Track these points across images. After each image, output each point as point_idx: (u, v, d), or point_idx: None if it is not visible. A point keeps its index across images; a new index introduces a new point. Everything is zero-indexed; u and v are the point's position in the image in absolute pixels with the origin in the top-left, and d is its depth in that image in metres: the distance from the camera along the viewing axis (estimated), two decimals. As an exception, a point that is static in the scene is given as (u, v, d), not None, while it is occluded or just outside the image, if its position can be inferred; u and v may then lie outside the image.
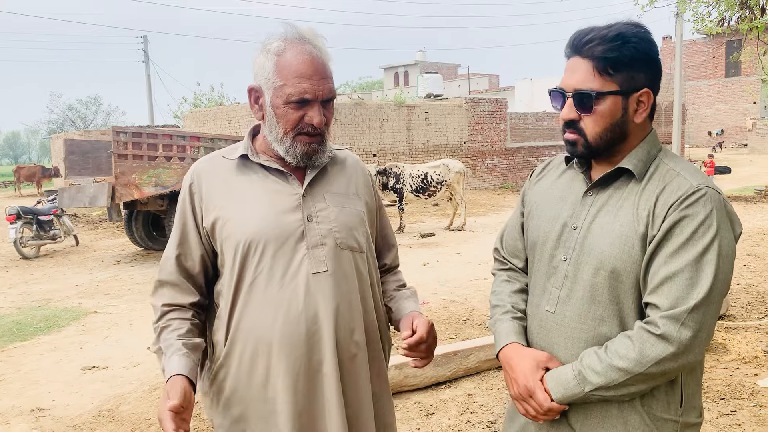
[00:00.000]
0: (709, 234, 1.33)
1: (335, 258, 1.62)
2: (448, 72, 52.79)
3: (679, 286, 1.33)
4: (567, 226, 1.52)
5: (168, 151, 9.53)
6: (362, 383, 1.68)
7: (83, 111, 55.59)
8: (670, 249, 1.35)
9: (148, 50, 34.57)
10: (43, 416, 4.18)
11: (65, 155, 11.49)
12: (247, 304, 1.59)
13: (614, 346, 1.39)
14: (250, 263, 1.58)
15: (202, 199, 1.65)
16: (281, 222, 1.59)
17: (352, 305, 1.64)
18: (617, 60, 1.39)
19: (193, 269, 1.67)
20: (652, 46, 1.43)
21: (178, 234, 1.67)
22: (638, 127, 1.46)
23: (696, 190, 1.36)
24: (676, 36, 21.42)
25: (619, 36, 1.39)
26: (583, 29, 1.45)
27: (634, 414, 1.43)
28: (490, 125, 20.93)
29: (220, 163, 1.69)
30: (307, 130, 1.59)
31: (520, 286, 1.69)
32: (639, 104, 1.43)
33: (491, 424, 3.67)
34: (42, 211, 11.09)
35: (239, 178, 1.65)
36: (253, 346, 1.58)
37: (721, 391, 4.00)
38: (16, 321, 6.65)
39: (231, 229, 1.60)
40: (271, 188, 1.63)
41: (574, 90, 1.44)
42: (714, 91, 41.22)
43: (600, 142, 1.45)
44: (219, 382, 1.64)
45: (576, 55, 1.45)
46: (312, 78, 1.56)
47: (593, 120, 1.43)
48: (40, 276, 9.33)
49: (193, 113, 21.41)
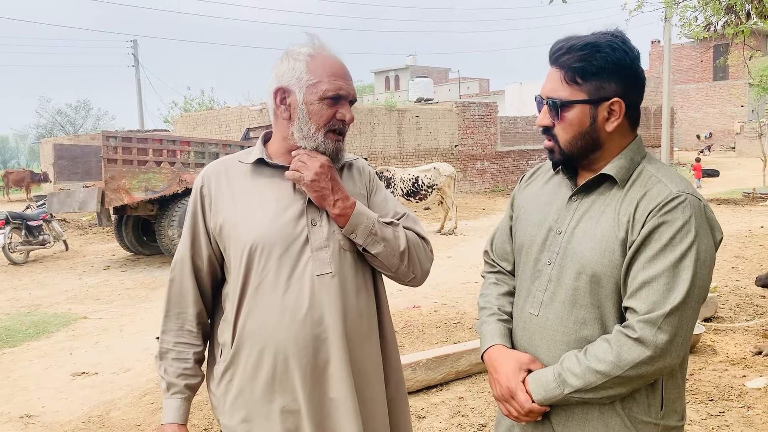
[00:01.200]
0: (687, 240, 1.35)
1: (339, 260, 1.64)
2: (439, 76, 52.95)
3: (656, 291, 1.34)
4: (552, 231, 1.55)
5: (158, 155, 9.51)
6: (374, 381, 1.71)
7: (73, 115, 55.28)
8: (648, 254, 1.37)
9: (138, 54, 34.51)
10: (33, 423, 4.16)
11: (54, 160, 11.47)
12: (254, 307, 1.62)
13: (593, 349, 1.41)
14: (256, 267, 1.61)
15: (211, 201, 1.70)
16: (286, 226, 1.62)
17: (359, 305, 1.67)
18: (584, 69, 1.42)
19: (202, 270, 1.73)
20: (627, 55, 1.43)
21: (189, 235, 1.72)
22: (613, 135, 1.47)
23: (675, 196, 1.38)
24: (665, 40, 21.58)
25: (587, 45, 1.42)
26: (561, 39, 1.49)
27: (614, 417, 1.45)
28: (481, 129, 21.01)
29: (234, 166, 1.73)
30: (338, 127, 1.66)
31: (507, 288, 1.71)
32: (610, 113, 1.45)
33: (482, 427, 3.69)
34: (31, 216, 11.02)
35: (248, 182, 1.69)
36: (259, 347, 1.61)
37: (709, 392, 4.04)
38: (4, 327, 6.61)
39: (238, 233, 1.64)
40: (276, 193, 1.66)
41: (547, 97, 1.48)
42: (702, 94, 41.58)
43: (572, 149, 1.48)
44: (226, 383, 1.68)
45: (552, 64, 1.49)
46: (345, 77, 1.66)
47: (562, 127, 1.47)
48: (29, 281, 9.27)
49: (184, 117, 21.35)
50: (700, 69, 42.07)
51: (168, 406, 1.70)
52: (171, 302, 1.74)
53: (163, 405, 1.71)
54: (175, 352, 1.72)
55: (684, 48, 41.50)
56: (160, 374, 1.74)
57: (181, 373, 1.71)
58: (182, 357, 1.72)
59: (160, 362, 1.74)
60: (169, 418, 1.69)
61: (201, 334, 1.75)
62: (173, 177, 9.50)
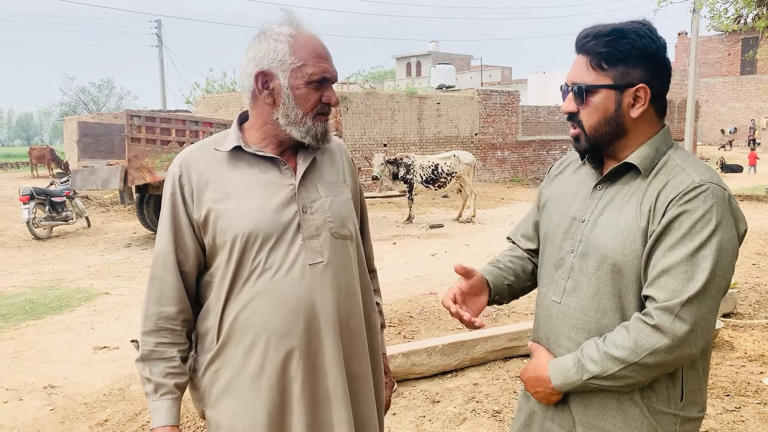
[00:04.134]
0: (708, 229, 1.34)
1: (331, 248, 1.63)
2: (461, 63, 52.60)
3: (674, 279, 1.35)
4: (576, 219, 1.56)
5: (181, 135, 9.59)
6: (364, 370, 1.72)
7: (96, 94, 55.88)
8: (668, 243, 1.37)
9: (161, 35, 34.61)
10: (56, 393, 4.26)
11: (79, 137, 11.59)
12: (244, 297, 1.58)
13: (612, 336, 1.42)
14: (248, 256, 1.57)
15: (192, 191, 1.62)
16: (277, 215, 1.59)
17: (350, 293, 1.67)
18: (610, 54, 1.43)
19: (186, 263, 1.64)
20: (653, 42, 1.43)
21: (169, 227, 1.63)
22: (638, 122, 1.47)
23: (698, 185, 1.38)
24: (692, 32, 21.22)
25: (614, 31, 1.43)
26: (587, 27, 1.50)
27: (633, 406, 1.46)
28: (502, 118, 20.87)
29: (211, 153, 1.65)
30: (324, 110, 1.63)
31: (519, 253, 1.80)
32: (636, 99, 1.45)
33: (496, 414, 3.72)
34: (55, 192, 11.20)
35: (232, 170, 1.62)
36: (251, 337, 1.58)
37: (726, 387, 4.03)
38: (29, 300, 6.75)
39: (226, 223, 1.58)
40: (265, 180, 1.62)
41: (572, 83, 1.50)
42: (729, 88, 40.86)
43: (597, 135, 1.49)
44: (212, 374, 1.64)
45: (578, 52, 1.50)
46: (328, 58, 1.61)
47: (587, 112, 1.48)
48: (52, 256, 9.44)
49: (206, 99, 21.46)
50: (727, 62, 41.34)
51: (157, 409, 1.60)
52: (151, 301, 1.63)
53: (151, 409, 1.61)
54: (159, 353, 1.62)
55: (711, 40, 40.78)
56: (144, 377, 1.63)
57: (168, 372, 1.61)
58: (167, 356, 1.62)
59: (143, 364, 1.63)
60: (161, 420, 1.59)
61: (185, 331, 1.66)
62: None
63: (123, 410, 3.92)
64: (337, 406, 1.61)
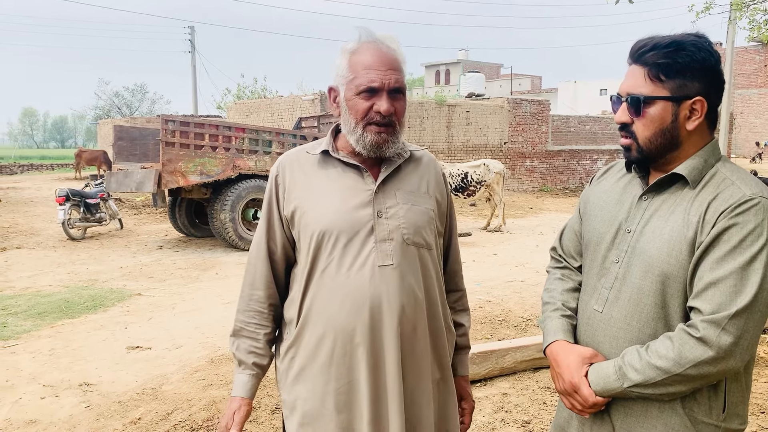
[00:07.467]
0: (759, 243, 1.34)
1: (401, 253, 1.69)
2: (491, 72, 52.48)
3: (722, 292, 1.34)
4: (621, 229, 1.56)
5: (214, 141, 9.72)
6: (424, 382, 1.74)
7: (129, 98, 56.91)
8: (716, 255, 1.37)
9: (194, 40, 35.18)
10: (91, 391, 4.35)
11: (114, 141, 11.83)
12: (318, 290, 1.70)
13: (655, 345, 1.42)
14: (323, 252, 1.69)
15: (285, 189, 1.78)
16: (353, 216, 1.69)
17: (417, 299, 1.71)
18: (669, 66, 1.43)
19: (276, 253, 1.81)
20: (711, 55, 1.44)
21: (265, 221, 1.81)
22: (692, 134, 1.47)
23: (749, 199, 1.37)
24: (728, 43, 20.92)
25: (673, 44, 1.43)
26: (643, 38, 1.50)
27: (674, 416, 1.45)
28: (532, 127, 20.76)
29: (304, 157, 1.81)
30: (376, 119, 1.66)
31: (572, 284, 1.73)
32: (692, 112, 1.45)
33: (525, 424, 3.70)
34: (90, 194, 11.43)
35: (319, 172, 1.76)
36: (321, 329, 1.69)
37: (761, 404, 3.95)
38: (64, 299, 6.90)
39: (308, 220, 1.71)
40: (346, 183, 1.73)
41: (627, 94, 1.50)
42: (764, 100, 40.06)
43: (651, 147, 1.49)
44: (289, 360, 1.77)
45: (633, 63, 1.50)
46: (379, 68, 1.66)
47: (643, 124, 1.48)
48: (86, 257, 9.63)
49: (237, 104, 21.74)
50: (763, 74, 40.54)
51: (237, 381, 1.80)
52: (246, 284, 1.83)
53: (234, 379, 1.82)
54: (247, 331, 1.81)
55: (747, 51, 40.07)
56: (232, 351, 1.83)
57: (251, 351, 1.80)
58: (253, 336, 1.81)
59: (233, 339, 1.83)
60: (238, 391, 1.78)
61: (272, 315, 1.83)
62: (227, 162, 9.72)
63: (155, 409, 3.99)
64: (393, 408, 1.66)
